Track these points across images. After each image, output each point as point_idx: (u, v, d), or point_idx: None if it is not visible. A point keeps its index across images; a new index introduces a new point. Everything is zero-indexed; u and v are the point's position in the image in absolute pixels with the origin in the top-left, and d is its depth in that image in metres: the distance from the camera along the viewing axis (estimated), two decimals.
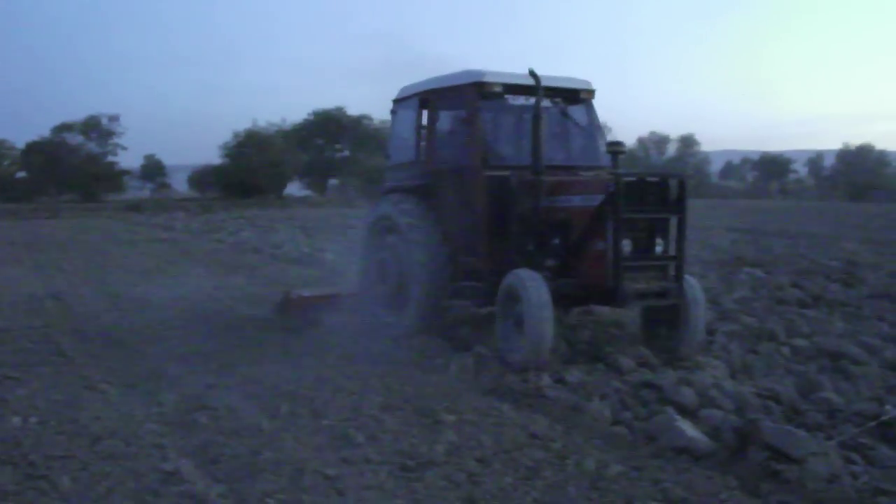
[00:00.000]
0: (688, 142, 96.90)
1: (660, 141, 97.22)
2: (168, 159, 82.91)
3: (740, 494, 6.15)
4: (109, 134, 71.32)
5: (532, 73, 10.49)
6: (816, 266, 18.91)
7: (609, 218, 9.69)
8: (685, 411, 8.03)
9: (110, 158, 71.64)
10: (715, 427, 7.49)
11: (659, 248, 9.93)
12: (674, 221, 9.95)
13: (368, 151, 70.20)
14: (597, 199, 9.94)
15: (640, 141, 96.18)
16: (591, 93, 12.09)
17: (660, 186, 9.88)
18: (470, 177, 11.19)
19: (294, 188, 72.49)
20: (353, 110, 74.07)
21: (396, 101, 13.21)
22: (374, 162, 66.46)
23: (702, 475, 6.50)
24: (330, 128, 71.97)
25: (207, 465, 6.81)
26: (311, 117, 72.75)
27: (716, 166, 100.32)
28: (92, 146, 70.83)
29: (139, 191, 76.34)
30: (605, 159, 11.24)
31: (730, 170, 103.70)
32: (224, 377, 9.60)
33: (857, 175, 74.62)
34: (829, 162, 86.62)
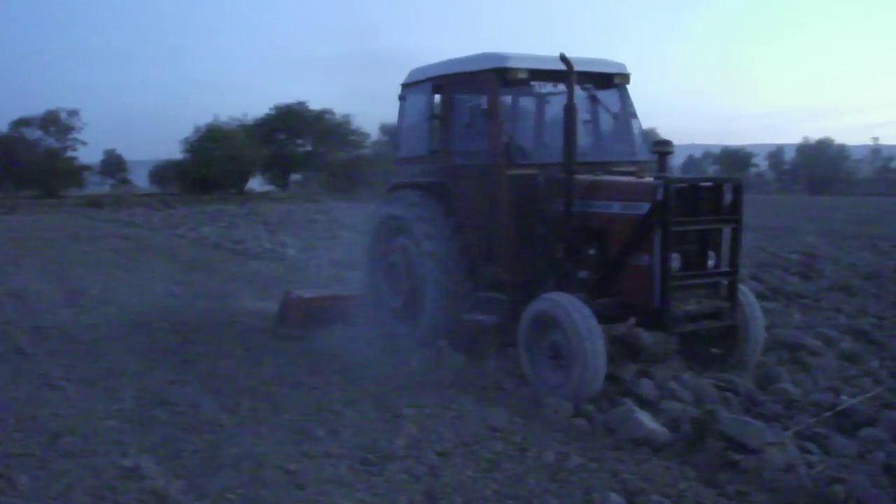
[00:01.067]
0: (650, 136, 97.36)
1: None
2: (128, 154, 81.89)
3: (698, 484, 6.22)
4: (69, 129, 70.44)
5: (563, 58, 9.06)
6: (776, 259, 19.07)
7: (656, 230, 8.53)
8: (645, 403, 8.11)
9: (70, 154, 70.85)
10: (674, 418, 7.59)
11: (711, 263, 8.91)
12: (727, 232, 8.97)
13: (331, 146, 69.97)
14: (642, 208, 8.69)
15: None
16: (626, 77, 10.72)
17: (713, 193, 8.83)
18: (492, 175, 9.91)
19: (256, 183, 72.00)
20: (315, 104, 73.72)
21: (406, 86, 11.68)
22: (337, 157, 66.40)
23: (660, 466, 6.56)
24: (292, 122, 71.47)
25: (167, 460, 6.79)
26: (273, 112, 72.22)
27: (677, 160, 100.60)
28: (51, 141, 70.00)
29: (99, 186, 75.42)
30: (643, 153, 10.52)
31: (692, 164, 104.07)
32: (184, 373, 9.60)
33: (816, 169, 75.03)
34: (789, 156, 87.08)
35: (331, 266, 18.83)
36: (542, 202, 9.66)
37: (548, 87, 10.53)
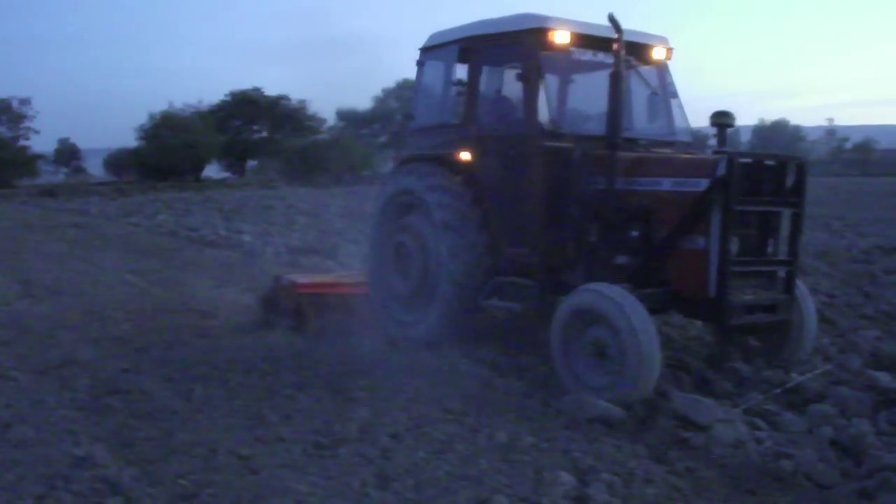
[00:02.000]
0: None
1: None
2: (83, 143, 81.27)
3: (648, 461, 6.30)
4: (21, 118, 69.80)
5: (612, 20, 8.35)
6: None
7: (715, 209, 7.82)
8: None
9: (22, 143, 70.15)
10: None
11: (769, 250, 8.29)
12: (786, 216, 8.27)
13: (287, 132, 69.78)
14: (699, 185, 7.97)
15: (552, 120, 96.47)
16: (670, 51, 9.92)
17: (776, 172, 8.10)
18: (525, 148, 9.11)
19: (212, 170, 71.68)
20: (270, 90, 73.52)
21: (426, 50, 10.78)
22: (293, 142, 66.12)
23: (611, 444, 6.63)
24: (247, 109, 71.25)
25: (120, 448, 6.77)
26: (228, 98, 71.95)
27: None
28: (2, 130, 69.27)
29: (53, 175, 74.71)
30: (683, 133, 9.92)
31: None
32: (138, 361, 9.54)
33: (772, 150, 75.82)
34: (745, 137, 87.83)
35: (288, 253, 18.89)
36: (576, 179, 8.76)
37: (587, 55, 9.51)
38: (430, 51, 10.71)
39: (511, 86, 9.83)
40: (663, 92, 9.98)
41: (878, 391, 7.76)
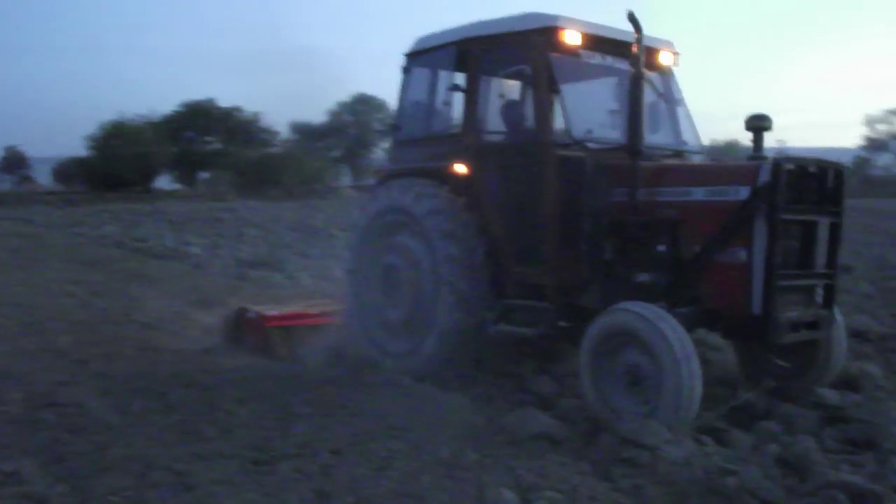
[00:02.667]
0: None
1: None
2: (31, 151, 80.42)
3: (592, 478, 6.18)
4: None
5: (632, 19, 7.76)
6: None
7: (758, 219, 7.24)
8: (544, 400, 8.10)
9: None
10: (571, 415, 7.58)
11: (809, 262, 7.68)
12: (825, 225, 7.69)
13: (239, 144, 69.33)
14: (739, 193, 7.38)
15: None
16: (677, 56, 9.43)
17: (817, 179, 7.58)
18: (536, 158, 8.45)
19: (163, 181, 71.08)
20: (224, 102, 73.12)
21: (413, 55, 10.12)
22: (245, 155, 65.71)
23: (555, 461, 6.50)
24: (200, 120, 70.79)
25: (51, 464, 6.53)
26: (181, 109, 71.43)
27: None
28: None
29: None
30: (693, 142, 9.40)
31: None
32: (76, 374, 9.33)
33: None
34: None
35: (236, 265, 18.66)
36: (591, 191, 8.24)
37: (596, 58, 8.94)
38: (419, 55, 10.06)
39: (515, 92, 9.59)
40: (670, 99, 9.51)
41: (823, 408, 7.73)
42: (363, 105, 77.26)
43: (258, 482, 6.11)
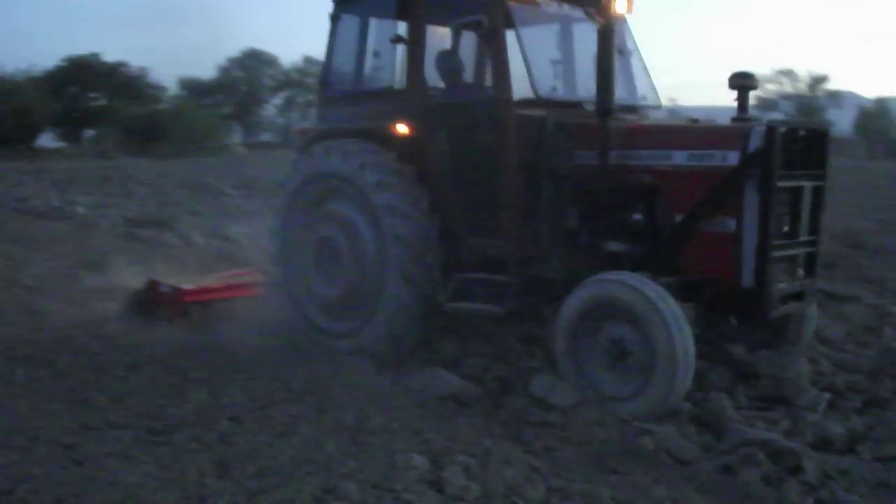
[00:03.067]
0: None
1: None
2: None
3: (504, 441, 6.00)
4: None
5: None
6: None
7: (749, 186, 6.77)
8: (449, 360, 7.88)
9: None
10: (478, 375, 7.39)
11: (795, 229, 7.17)
12: (808, 190, 7.18)
13: (126, 100, 67.55)
14: (728, 158, 6.89)
15: None
16: (631, 2, 7.79)
17: (804, 142, 7.12)
18: (493, 117, 7.74)
19: (46, 139, 68.87)
20: (109, 57, 71.11)
21: (342, 1, 9.16)
22: (132, 111, 64.04)
23: (465, 423, 6.33)
24: (84, 75, 68.67)
25: None
26: (64, 64, 69.14)
27: None
28: None
29: None
30: (651, 98, 8.72)
31: None
32: None
33: None
34: None
35: (125, 224, 18.01)
36: (552, 154, 7.66)
37: (553, 6, 8.27)
38: (351, 3, 9.14)
39: (465, 43, 8.66)
40: (623, 49, 8.60)
41: (734, 364, 7.65)
42: (253, 60, 75.87)
43: (153, 454, 5.80)
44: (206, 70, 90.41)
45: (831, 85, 67.42)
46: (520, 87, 7.61)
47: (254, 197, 23.19)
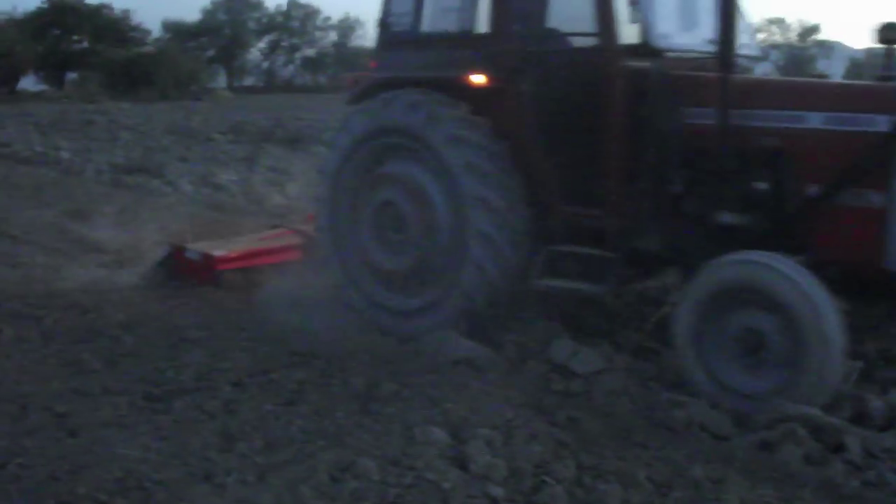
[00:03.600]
0: None
1: None
2: None
3: (525, 410, 5.61)
4: None
5: None
6: None
7: None
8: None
9: None
10: (492, 338, 6.96)
11: None
12: None
13: (110, 43, 66.59)
14: (876, 123, 5.92)
15: None
16: None
17: None
18: (596, 69, 6.74)
19: (28, 83, 67.92)
20: None
21: None
22: (116, 54, 63.12)
23: (481, 391, 5.92)
24: (67, 17, 67.60)
25: None
26: (46, 6, 68.06)
27: None
28: None
29: None
30: (750, 46, 7.65)
31: None
32: None
33: None
34: None
35: (110, 171, 17.52)
36: (661, 111, 6.68)
37: None
38: None
39: None
40: None
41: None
42: (238, 3, 74.90)
43: (152, 423, 5.47)
44: (190, 13, 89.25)
45: (821, 35, 67.01)
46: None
47: (242, 143, 22.75)
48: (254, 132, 24.56)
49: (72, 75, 70.58)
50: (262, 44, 75.87)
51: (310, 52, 77.10)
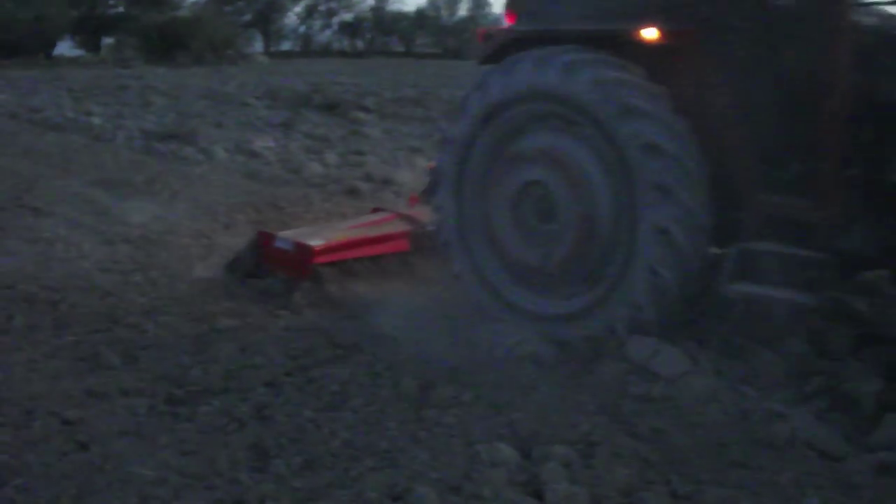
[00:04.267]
0: (479, 2, 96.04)
1: (451, 1, 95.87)
2: None
3: (602, 418, 4.85)
4: None
5: None
6: None
7: None
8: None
9: None
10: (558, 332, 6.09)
11: None
12: None
13: (145, 7, 66.09)
14: None
15: (431, 0, 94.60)
16: None
17: None
18: (815, 23, 5.46)
19: (65, 48, 67.54)
20: None
21: None
22: (151, 18, 62.64)
23: (551, 394, 5.17)
24: None
25: None
26: None
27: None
28: None
29: None
30: None
31: None
32: None
33: None
34: None
35: (142, 137, 16.83)
36: (881, 78, 5.44)
37: None
38: None
39: None
40: None
41: (856, 323, 6.02)
42: None
43: (174, 433, 4.75)
44: None
45: None
46: None
47: (278, 108, 22.05)
48: (290, 97, 23.81)
49: (108, 40, 70.33)
50: (299, 8, 75.23)
51: (347, 16, 76.41)
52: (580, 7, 6.21)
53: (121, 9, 68.62)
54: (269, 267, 7.52)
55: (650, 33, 5.72)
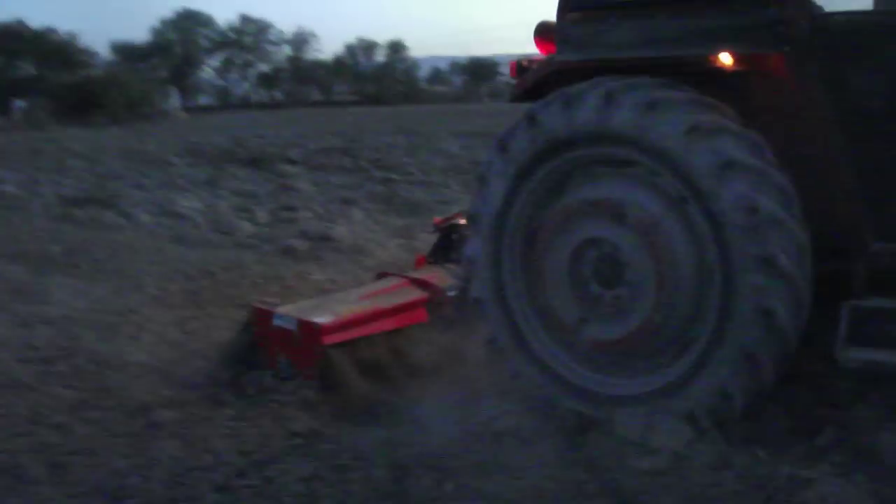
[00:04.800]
0: (396, 48, 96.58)
1: (368, 47, 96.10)
2: None
3: (605, 501, 4.25)
4: None
5: None
6: None
7: None
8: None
9: None
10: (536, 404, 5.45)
11: None
12: None
13: (56, 68, 65.14)
14: None
15: (348, 47, 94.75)
16: None
17: None
18: None
19: None
20: (35, 22, 68.69)
21: None
22: (63, 79, 61.67)
23: (543, 476, 4.55)
24: (9, 43, 66.25)
25: None
26: None
27: (423, 72, 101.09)
28: None
29: None
30: None
31: (438, 75, 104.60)
32: None
33: None
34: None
35: (60, 204, 15.97)
36: None
37: None
38: None
39: None
40: None
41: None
42: (188, 21, 73.83)
43: None
44: (138, 33, 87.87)
45: None
46: None
47: (201, 165, 21.33)
48: (213, 153, 23.13)
49: (19, 103, 69.20)
50: (215, 61, 74.84)
51: (264, 67, 76.04)
52: (635, 33, 5.24)
53: (31, 71, 67.71)
54: (267, 351, 6.42)
55: (726, 59, 4.87)
